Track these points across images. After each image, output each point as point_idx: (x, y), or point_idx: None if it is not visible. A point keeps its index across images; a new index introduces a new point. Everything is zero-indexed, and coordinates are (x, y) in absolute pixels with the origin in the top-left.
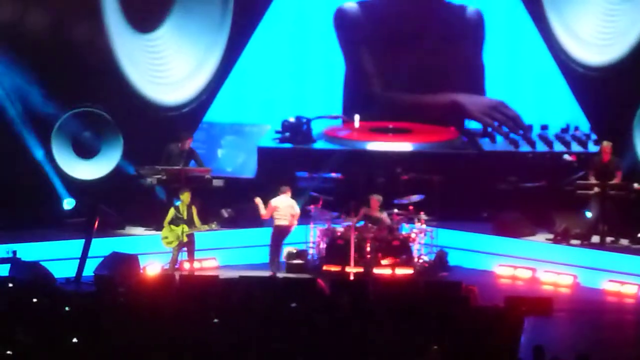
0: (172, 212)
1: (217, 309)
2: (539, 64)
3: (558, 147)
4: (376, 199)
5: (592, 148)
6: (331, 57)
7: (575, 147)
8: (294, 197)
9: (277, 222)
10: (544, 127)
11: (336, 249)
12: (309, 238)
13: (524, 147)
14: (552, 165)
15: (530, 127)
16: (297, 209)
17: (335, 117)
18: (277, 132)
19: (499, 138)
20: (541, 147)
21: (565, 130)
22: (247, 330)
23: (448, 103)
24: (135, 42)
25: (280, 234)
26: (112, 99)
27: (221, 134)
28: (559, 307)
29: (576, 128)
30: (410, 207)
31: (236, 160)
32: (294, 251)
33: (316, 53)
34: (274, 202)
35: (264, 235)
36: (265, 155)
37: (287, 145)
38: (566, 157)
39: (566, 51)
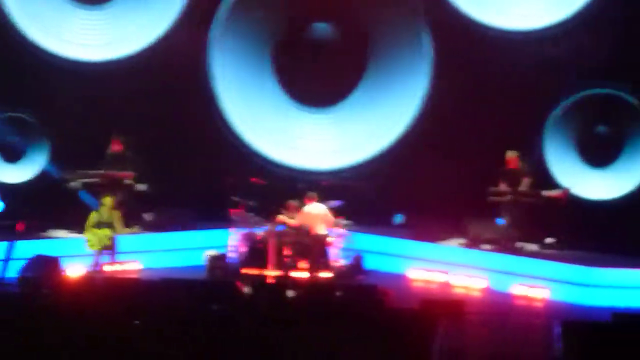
0: (95, 215)
1: (139, 311)
2: None
3: None
4: (293, 204)
5: None
6: None
7: None
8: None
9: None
10: None
11: (256, 253)
12: (230, 242)
13: None
14: None
15: None
16: (330, 216)
17: None
18: None
19: None
20: None
21: None
22: (168, 332)
23: None
24: None
25: (318, 243)
26: None
27: None
28: (471, 310)
29: None
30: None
31: None
32: (214, 254)
33: None
34: (306, 209)
35: (186, 238)
36: None
37: None
38: None
39: None
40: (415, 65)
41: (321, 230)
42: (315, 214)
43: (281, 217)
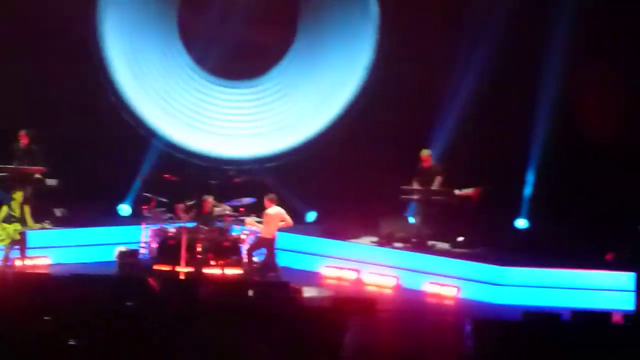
0: (4, 210)
1: (50, 307)
2: None
3: None
4: (209, 200)
5: None
6: None
7: None
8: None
9: (263, 235)
10: None
11: (167, 249)
12: (141, 238)
13: None
14: None
15: None
16: (287, 219)
17: None
18: None
19: None
20: None
21: None
22: (80, 328)
23: None
24: None
25: (263, 245)
26: None
27: None
28: (382, 307)
29: None
30: (241, 209)
31: None
32: (126, 250)
33: None
34: (271, 212)
35: (97, 234)
36: None
37: None
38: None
39: None
40: (359, 30)
41: (271, 234)
42: (276, 215)
43: (249, 220)
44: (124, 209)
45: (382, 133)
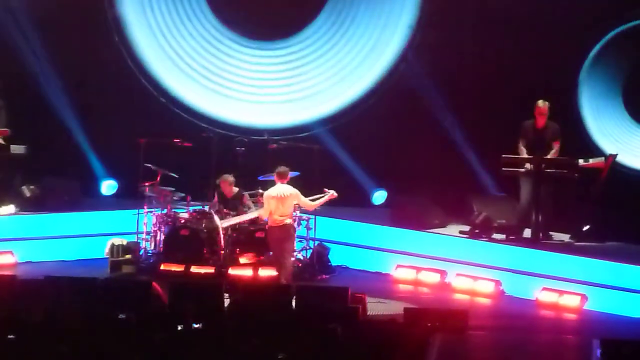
0: None
1: (14, 322)
2: None
3: None
4: (226, 180)
5: None
6: None
7: None
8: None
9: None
10: None
11: (179, 242)
12: (142, 227)
13: None
14: None
15: None
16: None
17: None
18: None
19: None
20: None
21: None
22: (55, 350)
23: None
24: None
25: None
26: None
27: None
28: (476, 323)
29: None
30: None
31: None
32: (121, 244)
33: None
34: (272, 193)
35: (81, 221)
36: None
37: None
38: None
39: None
40: None
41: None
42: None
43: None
44: (108, 186)
45: (472, 75)
